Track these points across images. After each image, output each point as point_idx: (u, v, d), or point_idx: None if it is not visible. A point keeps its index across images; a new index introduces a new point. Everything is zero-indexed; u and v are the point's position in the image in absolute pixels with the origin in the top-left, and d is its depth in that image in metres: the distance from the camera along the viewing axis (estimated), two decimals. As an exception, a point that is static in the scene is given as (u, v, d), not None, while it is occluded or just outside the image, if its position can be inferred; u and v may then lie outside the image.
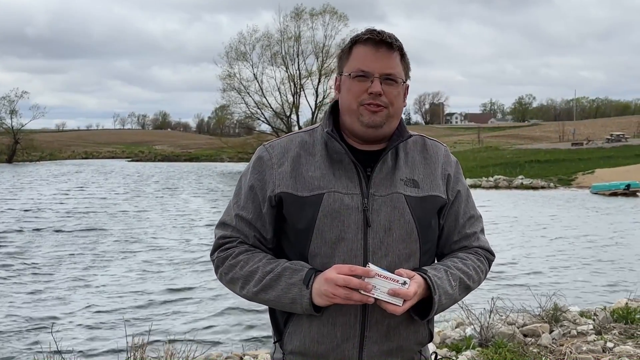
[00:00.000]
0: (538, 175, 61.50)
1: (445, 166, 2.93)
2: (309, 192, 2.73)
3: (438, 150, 2.96)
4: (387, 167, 2.80)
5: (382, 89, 2.72)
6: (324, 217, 2.70)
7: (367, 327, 2.72)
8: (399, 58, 2.79)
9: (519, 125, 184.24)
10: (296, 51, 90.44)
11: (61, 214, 34.67)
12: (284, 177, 2.77)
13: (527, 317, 9.84)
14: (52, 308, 15.43)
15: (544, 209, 38.06)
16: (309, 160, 2.81)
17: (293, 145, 2.87)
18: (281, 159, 2.82)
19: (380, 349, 2.76)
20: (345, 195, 2.73)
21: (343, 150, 2.77)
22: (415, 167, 2.86)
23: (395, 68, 2.76)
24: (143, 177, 72.41)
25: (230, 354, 9.73)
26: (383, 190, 2.76)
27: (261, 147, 2.93)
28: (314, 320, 2.72)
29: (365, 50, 2.75)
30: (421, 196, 2.80)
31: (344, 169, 2.78)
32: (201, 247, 24.43)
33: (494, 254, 3.06)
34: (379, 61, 2.73)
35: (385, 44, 2.74)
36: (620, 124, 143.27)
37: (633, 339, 8.60)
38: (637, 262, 21.41)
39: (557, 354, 8.09)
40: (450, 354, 8.13)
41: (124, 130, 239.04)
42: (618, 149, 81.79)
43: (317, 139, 2.88)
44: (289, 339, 2.80)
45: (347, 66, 2.82)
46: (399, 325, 2.76)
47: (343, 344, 2.73)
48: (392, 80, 2.75)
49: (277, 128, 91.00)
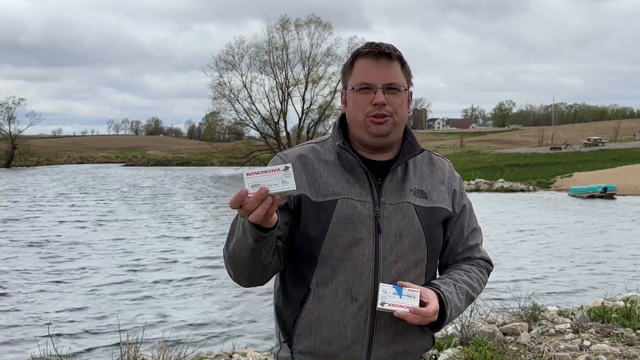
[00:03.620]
0: (518, 178, 61.73)
1: (451, 181, 2.99)
2: (323, 198, 2.74)
3: (444, 165, 3.01)
4: (397, 178, 2.83)
5: (385, 98, 2.74)
6: (337, 222, 2.71)
7: (376, 330, 2.74)
8: (400, 67, 2.81)
9: (499, 130, 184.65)
10: (284, 60, 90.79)
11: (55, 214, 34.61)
12: (301, 181, 2.76)
13: (507, 316, 9.86)
14: (46, 307, 15.38)
15: (523, 211, 38.17)
16: (322, 167, 2.82)
17: (306, 152, 2.87)
18: (296, 163, 2.80)
19: (387, 351, 2.78)
20: (358, 202, 2.74)
21: (355, 160, 2.79)
22: (424, 179, 2.90)
23: (396, 77, 2.78)
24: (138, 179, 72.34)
25: (220, 352, 9.71)
26: (394, 199, 2.79)
27: (276, 157, 2.91)
28: (325, 321, 2.74)
29: (366, 63, 2.78)
30: (429, 207, 2.84)
31: (356, 178, 2.79)
32: (192, 247, 24.41)
33: (493, 265, 3.12)
34: (381, 72, 2.75)
35: (384, 55, 2.76)
36: (598, 128, 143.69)
37: (609, 338, 8.63)
38: (614, 263, 21.50)
39: (536, 352, 8.11)
40: (432, 352, 8.14)
41: (118, 135, 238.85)
42: (595, 153, 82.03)
43: (328, 149, 2.89)
44: (299, 339, 2.80)
45: (350, 80, 2.83)
46: (406, 330, 2.78)
47: (353, 346, 2.74)
48: (395, 89, 2.77)
49: (265, 134, 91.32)
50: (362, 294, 2.71)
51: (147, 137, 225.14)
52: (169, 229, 30.31)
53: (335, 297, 2.72)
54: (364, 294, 2.71)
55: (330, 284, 2.72)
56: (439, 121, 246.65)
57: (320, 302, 2.74)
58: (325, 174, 2.80)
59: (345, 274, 2.71)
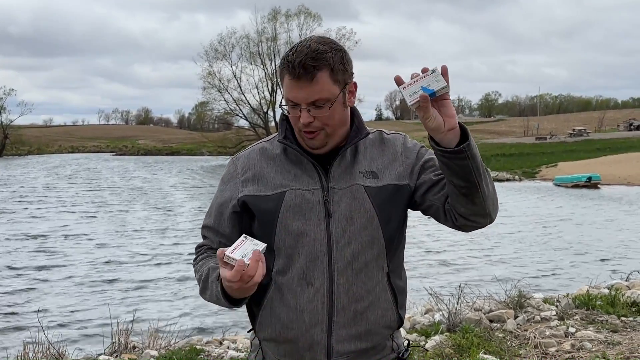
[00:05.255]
0: (504, 168, 61.93)
1: (406, 153, 2.86)
2: (272, 191, 2.76)
3: (396, 141, 2.90)
4: (345, 162, 2.79)
5: (311, 115, 2.65)
6: (286, 211, 2.72)
7: (334, 312, 2.73)
8: (327, 74, 2.62)
9: (485, 121, 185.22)
10: (273, 51, 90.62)
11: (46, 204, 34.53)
12: (247, 184, 2.81)
13: (493, 303, 9.86)
14: (36, 296, 15.36)
15: (509, 201, 38.24)
16: (270, 164, 2.82)
17: (254, 154, 2.89)
18: (244, 167, 2.86)
19: (349, 333, 2.76)
20: (307, 192, 2.74)
21: (299, 152, 2.77)
22: (374, 160, 2.83)
23: (320, 92, 2.62)
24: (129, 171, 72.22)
25: (210, 338, 9.70)
26: (343, 183, 2.75)
27: (229, 161, 2.99)
28: (283, 307, 2.76)
29: (289, 81, 2.64)
30: (380, 186, 2.77)
31: (304, 169, 2.77)
32: (180, 238, 24.41)
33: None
34: (302, 90, 2.62)
35: (303, 73, 2.60)
36: (582, 119, 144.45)
37: (594, 325, 8.65)
38: (598, 251, 21.60)
39: (522, 339, 8.12)
40: (420, 338, 8.15)
41: (109, 125, 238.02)
42: (580, 144, 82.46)
43: (276, 144, 2.88)
44: (261, 327, 2.84)
45: (283, 90, 2.73)
46: (366, 310, 2.77)
47: (312, 329, 2.74)
48: (320, 106, 2.65)
49: (254, 124, 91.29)
50: (318, 279, 2.71)
51: (137, 126, 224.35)
52: (160, 221, 30.28)
53: (292, 283, 2.73)
54: (319, 278, 2.71)
55: (288, 272, 2.74)
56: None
57: (278, 290, 2.76)
58: (272, 170, 2.80)
59: (300, 261, 2.72)
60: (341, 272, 2.72)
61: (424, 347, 7.59)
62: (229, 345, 8.90)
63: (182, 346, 8.49)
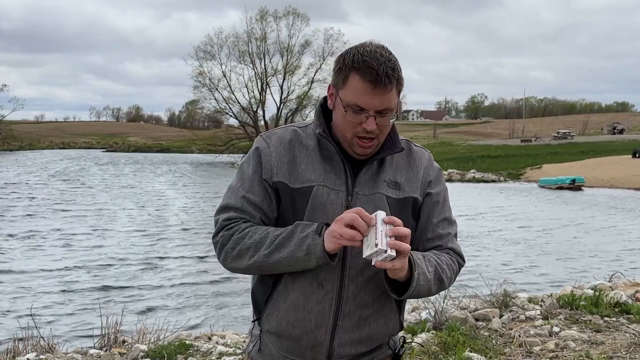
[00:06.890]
0: (489, 169, 62.08)
1: (428, 171, 2.90)
2: (301, 184, 2.72)
3: (422, 156, 2.93)
4: (373, 169, 2.78)
5: (375, 123, 2.63)
6: (312, 209, 2.69)
7: (340, 316, 2.74)
8: (396, 86, 2.63)
9: (471, 123, 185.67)
10: (262, 50, 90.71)
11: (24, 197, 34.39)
12: (281, 166, 2.75)
13: (479, 302, 9.89)
14: (26, 293, 15.30)
15: (494, 201, 38.34)
16: (302, 152, 2.78)
17: (288, 135, 2.83)
18: (278, 147, 2.78)
19: (351, 337, 2.78)
20: (332, 191, 2.72)
21: (334, 149, 2.74)
22: (399, 171, 2.83)
23: (389, 102, 2.63)
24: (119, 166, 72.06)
25: (199, 334, 9.68)
26: (367, 190, 2.75)
27: (259, 138, 2.88)
28: (291, 305, 2.75)
29: (362, 85, 2.58)
30: (401, 198, 2.79)
31: (333, 167, 2.75)
32: (169, 234, 24.35)
33: (465, 260, 2.99)
34: (376, 98, 2.59)
35: (384, 81, 2.58)
36: (567, 122, 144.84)
37: (577, 324, 8.67)
38: (582, 252, 21.67)
39: (507, 337, 8.14)
40: (407, 336, 8.15)
41: (100, 122, 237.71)
42: (564, 146, 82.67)
43: (309, 134, 2.83)
44: (267, 319, 2.82)
45: (343, 91, 2.65)
46: (370, 316, 2.79)
47: (316, 330, 2.75)
48: (386, 113, 2.64)
49: (244, 122, 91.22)
50: (329, 282, 2.71)
51: (128, 123, 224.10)
52: (149, 218, 30.21)
53: (303, 282, 2.72)
54: (331, 281, 2.71)
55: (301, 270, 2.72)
56: (414, 112, 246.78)
57: (289, 287, 2.75)
58: (304, 160, 2.76)
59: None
60: (352, 279, 2.73)
61: (420, 344, 7.59)
62: (218, 341, 8.89)
63: (171, 341, 8.47)
